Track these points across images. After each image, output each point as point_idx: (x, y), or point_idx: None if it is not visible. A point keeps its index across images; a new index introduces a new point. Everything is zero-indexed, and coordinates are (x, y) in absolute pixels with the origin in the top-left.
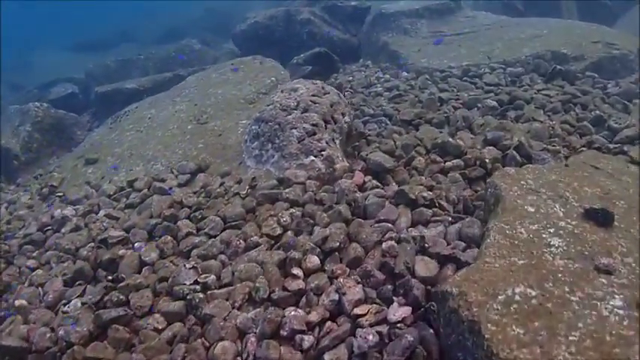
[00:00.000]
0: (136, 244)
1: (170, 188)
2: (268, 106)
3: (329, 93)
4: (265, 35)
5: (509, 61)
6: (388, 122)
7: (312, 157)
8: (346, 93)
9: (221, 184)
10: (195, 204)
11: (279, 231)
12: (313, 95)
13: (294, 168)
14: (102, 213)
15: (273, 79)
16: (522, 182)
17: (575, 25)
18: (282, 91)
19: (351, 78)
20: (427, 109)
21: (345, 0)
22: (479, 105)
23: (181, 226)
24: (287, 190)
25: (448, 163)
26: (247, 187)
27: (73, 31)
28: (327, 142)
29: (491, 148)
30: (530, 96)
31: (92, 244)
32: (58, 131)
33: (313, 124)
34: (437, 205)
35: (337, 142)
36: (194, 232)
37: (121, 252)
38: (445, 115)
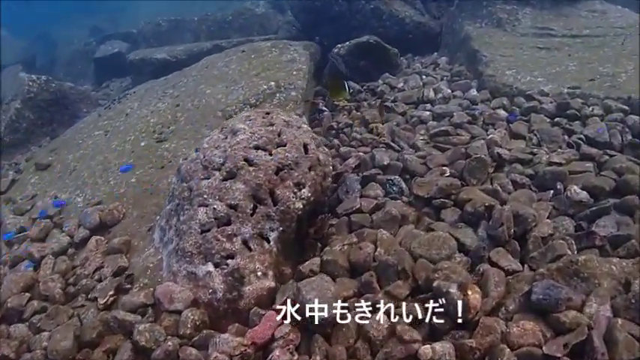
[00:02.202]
0: None
1: (42, 257)
2: (196, 151)
3: (284, 145)
4: (323, 8)
5: (638, 100)
6: (403, 188)
7: (210, 267)
8: (377, 113)
9: (97, 270)
10: (50, 297)
11: None
12: (255, 147)
13: (181, 279)
14: None
15: (272, 84)
16: None
17: None
18: (221, 130)
19: (402, 84)
20: (469, 176)
21: None
22: (558, 187)
23: (3, 343)
24: (142, 328)
25: (426, 350)
26: (110, 293)
27: None
28: (243, 242)
29: (529, 327)
30: None
31: None
32: (60, 107)
33: (231, 206)
34: None
35: (272, 237)
36: (12, 357)
37: None
38: (489, 202)
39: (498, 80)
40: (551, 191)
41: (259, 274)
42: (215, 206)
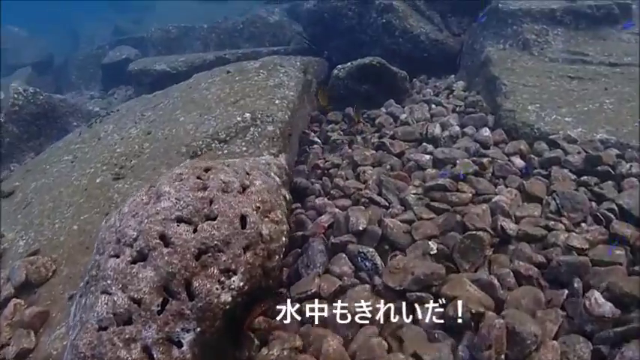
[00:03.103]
0: None
1: None
2: (118, 214)
3: (215, 218)
4: (332, 21)
5: None
6: (377, 265)
7: None
8: (369, 154)
9: (3, 347)
10: None
11: None
12: (178, 220)
13: None
14: None
15: (247, 115)
16: None
17: None
18: (148, 190)
19: (406, 115)
20: (461, 258)
21: None
22: (575, 285)
23: None
24: None
25: None
26: None
27: None
28: (144, 350)
29: None
30: None
31: None
32: (49, 120)
33: (134, 299)
34: None
35: (187, 341)
36: None
37: None
38: (478, 308)
39: (518, 117)
40: (566, 291)
41: None
42: (116, 298)
